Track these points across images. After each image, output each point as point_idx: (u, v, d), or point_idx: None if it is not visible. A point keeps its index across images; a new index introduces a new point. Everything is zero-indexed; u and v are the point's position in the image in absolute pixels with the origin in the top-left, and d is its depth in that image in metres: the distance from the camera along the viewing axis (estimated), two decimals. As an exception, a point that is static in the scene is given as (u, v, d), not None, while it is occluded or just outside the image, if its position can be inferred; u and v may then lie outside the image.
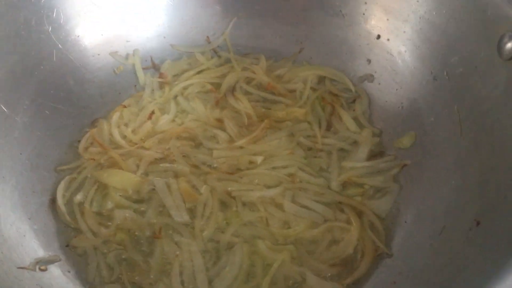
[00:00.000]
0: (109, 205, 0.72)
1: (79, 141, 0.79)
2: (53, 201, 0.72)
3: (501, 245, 0.53)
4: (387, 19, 0.82)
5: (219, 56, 0.92)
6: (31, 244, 0.66)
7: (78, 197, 0.73)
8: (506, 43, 0.62)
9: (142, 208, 0.72)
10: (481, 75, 0.67)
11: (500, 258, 0.52)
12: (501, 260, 0.51)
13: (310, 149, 0.79)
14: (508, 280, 0.46)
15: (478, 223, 0.58)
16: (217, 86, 0.87)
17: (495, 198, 0.58)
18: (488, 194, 0.60)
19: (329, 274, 0.66)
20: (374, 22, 0.84)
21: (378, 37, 0.84)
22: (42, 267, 0.62)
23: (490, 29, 0.65)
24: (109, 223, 0.70)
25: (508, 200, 0.56)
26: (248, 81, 0.88)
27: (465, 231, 0.59)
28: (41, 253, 0.65)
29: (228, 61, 0.91)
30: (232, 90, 0.86)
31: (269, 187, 0.74)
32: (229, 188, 0.73)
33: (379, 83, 0.85)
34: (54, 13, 0.79)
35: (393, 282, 0.63)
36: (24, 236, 0.66)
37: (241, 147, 0.78)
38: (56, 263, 0.65)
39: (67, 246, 0.68)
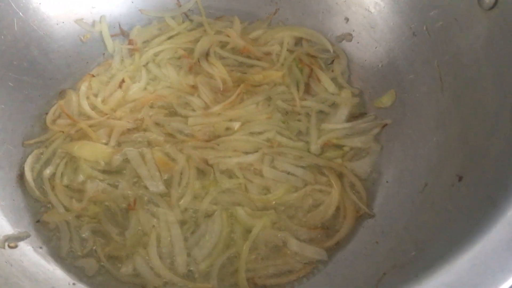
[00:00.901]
0: (80, 178, 0.69)
1: (46, 114, 0.75)
2: (21, 176, 0.69)
3: (483, 199, 0.52)
4: (364, -26, 0.79)
5: (191, 20, 0.88)
6: (-1, 221, 0.63)
7: (48, 171, 0.69)
8: (486, -9, 0.60)
9: (116, 180, 0.69)
10: (462, 27, 0.65)
11: (482, 212, 0.50)
12: (482, 214, 0.50)
13: (288, 112, 0.77)
14: (490, 232, 0.45)
15: (460, 179, 0.57)
16: (190, 51, 0.84)
17: (476, 153, 0.57)
18: (470, 149, 0.58)
19: (311, 238, 0.65)
20: (351, -22, 0.81)
21: (355, -7, 0.81)
22: (11, 244, 0.59)
23: (470, -22, 0.62)
24: (81, 197, 0.67)
25: (490, 154, 0.55)
26: (222, 45, 0.85)
27: (447, 187, 0.58)
28: (9, 230, 0.62)
29: (200, 25, 0.87)
30: (206, 55, 0.83)
31: (247, 153, 0.71)
32: (206, 156, 0.71)
33: (358, 42, 0.82)
34: (12, -21, 0.75)
35: (375, 242, 0.61)
36: (-9, 213, 0.63)
37: (217, 114, 0.75)
38: (27, 240, 0.62)
39: (37, 222, 0.65)
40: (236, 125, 0.74)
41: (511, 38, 0.57)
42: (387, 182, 0.68)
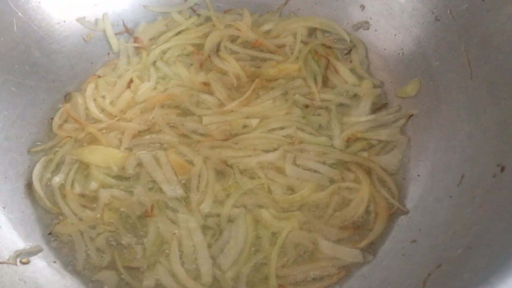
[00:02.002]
0: (93, 185, 0.65)
1: (52, 118, 0.71)
2: (29, 186, 0.65)
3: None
4: (380, -42, 0.75)
5: (198, 15, 0.84)
6: (8, 235, 0.59)
7: (57, 179, 0.65)
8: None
9: (130, 186, 0.65)
10: (490, 8, 0.61)
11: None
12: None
13: (307, 106, 0.73)
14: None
15: (503, 169, 0.53)
16: (199, 47, 0.80)
17: (519, 139, 0.53)
18: (510, 136, 0.55)
19: (342, 238, 0.61)
20: (366, -37, 0.77)
21: (371, -21, 0.77)
22: (24, 260, 0.56)
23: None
24: (94, 205, 0.63)
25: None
26: (233, 39, 0.81)
27: (488, 178, 0.54)
28: (21, 244, 0.58)
29: (208, 19, 0.83)
30: (216, 50, 0.79)
31: (267, 151, 0.68)
32: (224, 156, 0.67)
33: (376, 30, 0.78)
34: (9, -24, 0.70)
35: (413, 241, 0.58)
36: (0, 227, 0.59)
37: (232, 111, 0.71)
38: (39, 254, 0.59)
39: (49, 234, 0.61)
40: (254, 122, 0.70)
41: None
42: (418, 176, 0.64)
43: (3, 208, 0.60)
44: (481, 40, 0.62)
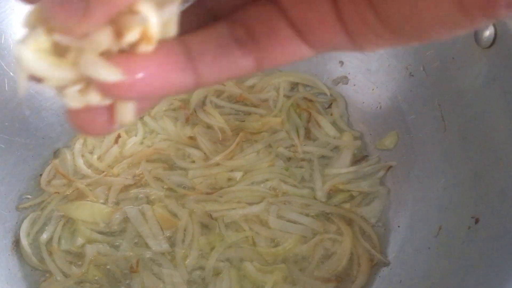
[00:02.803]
0: (79, 241, 0.66)
1: (40, 175, 0.73)
2: (16, 243, 0.65)
3: (505, 242, 0.50)
4: (356, 18, 0.79)
5: (185, 71, 0.87)
6: (-6, 294, 0.59)
7: (45, 235, 0.66)
8: (483, 30, 0.60)
9: (116, 241, 0.66)
10: (460, 66, 0.65)
11: (506, 255, 0.49)
12: (506, 258, 0.48)
13: (290, 159, 0.75)
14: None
15: (477, 221, 0.55)
16: (186, 102, 0.82)
17: (491, 192, 0.55)
18: (484, 189, 0.57)
19: (325, 291, 0.62)
20: (343, 22, 0.81)
21: (348, 37, 0.81)
22: (9, 319, 0.56)
23: (465, 18, 0.62)
24: (81, 262, 0.64)
25: (506, 193, 0.53)
26: (218, 94, 0.84)
27: (464, 230, 0.56)
28: (6, 303, 0.58)
29: (194, 75, 0.86)
30: (202, 104, 0.82)
31: (251, 203, 0.69)
32: (209, 209, 0.68)
33: (354, 84, 0.82)
34: (2, 39, 0.73)
35: (394, 293, 0.59)
36: (-14, 285, 0.59)
37: (217, 164, 0.73)
38: (24, 313, 0.59)
39: (36, 292, 0.62)
40: (238, 175, 0.72)
41: (513, 75, 0.57)
42: (398, 227, 0.66)
43: (-10, 266, 0.61)
44: (453, 96, 0.66)
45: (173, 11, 0.20)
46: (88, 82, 0.21)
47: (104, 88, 0.20)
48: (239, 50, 0.23)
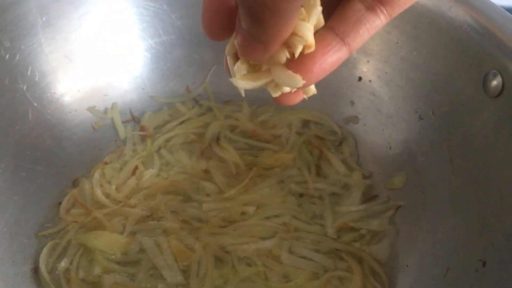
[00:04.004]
0: (97, 270, 0.67)
1: (59, 203, 0.75)
2: (35, 270, 0.67)
3: (511, 285, 0.52)
4: (368, 61, 0.83)
5: (200, 105, 0.90)
6: (13, 321, 0.60)
7: (63, 263, 0.68)
8: (491, 80, 0.63)
9: (132, 271, 0.68)
10: (469, 112, 0.67)
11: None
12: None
13: (302, 195, 0.77)
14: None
15: (484, 264, 0.57)
16: (201, 136, 0.85)
17: (499, 237, 0.57)
18: (491, 234, 0.59)
19: (336, 328, 0.63)
20: (355, 64, 0.84)
21: (360, 79, 0.84)
22: None
23: (474, 68, 0.65)
24: (98, 290, 0.66)
25: (513, 238, 0.55)
26: (232, 129, 0.86)
27: (471, 272, 0.58)
28: (25, 330, 0.60)
29: (209, 109, 0.90)
30: (217, 139, 0.84)
31: (264, 238, 0.71)
32: (223, 243, 0.70)
33: (364, 124, 0.84)
34: (29, 71, 0.76)
35: (403, 332, 0.60)
36: (6, 312, 0.61)
37: (231, 198, 0.76)
38: None
39: (53, 319, 0.63)
40: (251, 209, 0.74)
41: (521, 124, 0.59)
42: (407, 266, 0.68)
43: (10, 293, 0.63)
44: (462, 140, 0.68)
45: (318, 12, 0.30)
46: None
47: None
48: (373, 15, 0.33)
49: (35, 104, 0.78)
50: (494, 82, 0.63)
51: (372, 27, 0.33)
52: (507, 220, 0.57)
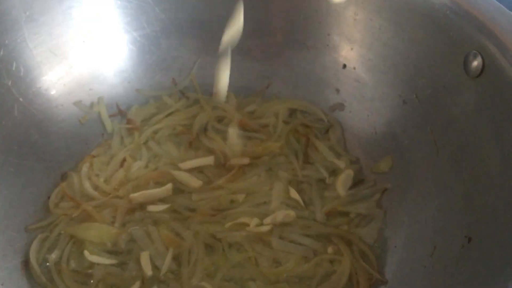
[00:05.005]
0: (87, 261, 0.67)
1: (48, 197, 0.75)
2: (26, 263, 0.67)
3: (496, 259, 0.53)
4: (351, 49, 0.84)
5: (187, 98, 0.90)
6: (5, 313, 0.60)
7: (53, 256, 0.68)
8: (472, 61, 0.64)
9: (123, 261, 0.68)
10: (451, 94, 0.68)
11: (497, 272, 0.52)
12: (498, 274, 0.51)
13: (290, 182, 0.78)
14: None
15: (469, 240, 0.58)
16: (188, 127, 0.86)
17: (483, 213, 0.59)
18: (476, 210, 0.60)
19: (326, 309, 0.64)
20: (339, 52, 0.85)
21: (344, 66, 0.85)
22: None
23: (454, 49, 0.67)
24: (89, 281, 0.66)
25: (498, 213, 0.56)
26: (220, 119, 0.87)
27: (457, 249, 0.59)
28: (17, 322, 0.60)
29: (197, 101, 0.90)
30: (204, 130, 0.85)
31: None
32: (213, 230, 0.71)
33: (350, 111, 0.85)
34: (14, 66, 0.76)
35: (392, 310, 0.61)
36: (-3, 305, 0.61)
37: (220, 187, 0.76)
38: (34, 331, 0.60)
39: (45, 310, 0.63)
40: (241, 197, 0.75)
41: (500, 103, 0.60)
42: (395, 247, 0.69)
43: (1, 285, 0.62)
44: (445, 122, 0.69)
45: None
46: None
47: None
48: None
49: (20, 99, 0.77)
50: (475, 63, 0.64)
51: None
52: (491, 196, 0.59)
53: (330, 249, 0.69)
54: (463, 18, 0.66)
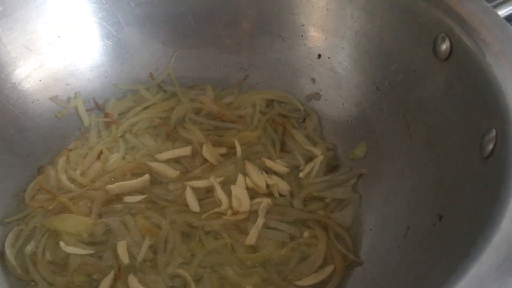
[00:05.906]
0: (63, 252, 0.67)
1: (25, 191, 0.74)
2: (1, 255, 0.67)
3: (466, 233, 0.54)
4: (326, 38, 0.84)
5: (165, 91, 0.91)
6: (-21, 304, 0.60)
7: (29, 247, 0.68)
8: (440, 44, 0.65)
9: (100, 251, 0.68)
10: (422, 78, 0.70)
11: (467, 245, 0.52)
12: (468, 247, 0.52)
13: (266, 170, 0.78)
14: (478, 262, 0.46)
15: (440, 218, 0.59)
16: (166, 120, 0.86)
17: (453, 192, 0.59)
18: (446, 190, 0.61)
19: (303, 292, 0.64)
20: (314, 42, 0.86)
21: (319, 56, 0.86)
22: (-6, 327, 0.57)
23: (424, 34, 0.68)
24: (65, 272, 0.66)
25: (466, 191, 0.57)
26: (197, 111, 0.87)
27: (429, 227, 0.60)
28: (-9, 312, 0.60)
29: (174, 94, 0.90)
30: (182, 122, 0.85)
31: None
32: (190, 219, 0.71)
33: (326, 100, 0.86)
34: (-12, 63, 0.76)
35: (367, 290, 0.62)
36: (-29, 296, 0.60)
37: (197, 177, 0.76)
38: (9, 322, 0.60)
39: (20, 301, 0.63)
40: (218, 186, 0.75)
41: (468, 84, 0.61)
42: (370, 229, 0.70)
43: (-25, 277, 0.62)
44: (417, 106, 0.70)
45: None
46: None
47: None
48: None
49: (-4, 96, 0.77)
50: (443, 46, 0.65)
51: None
52: (460, 176, 0.59)
53: (306, 233, 0.69)
54: (431, 2, 0.67)
